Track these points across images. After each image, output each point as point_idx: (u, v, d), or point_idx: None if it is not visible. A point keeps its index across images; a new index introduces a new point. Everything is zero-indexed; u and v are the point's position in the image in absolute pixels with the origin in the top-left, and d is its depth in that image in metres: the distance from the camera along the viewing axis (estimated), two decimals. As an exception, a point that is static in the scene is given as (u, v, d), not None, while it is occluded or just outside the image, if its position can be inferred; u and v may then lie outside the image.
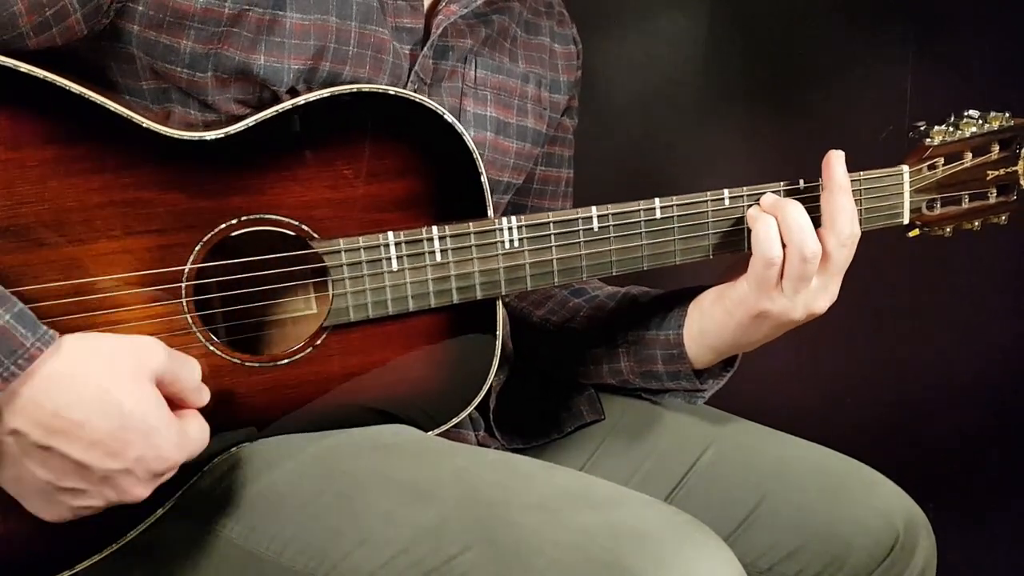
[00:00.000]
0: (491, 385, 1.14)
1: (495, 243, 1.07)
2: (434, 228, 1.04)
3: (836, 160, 1.12)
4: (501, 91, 1.21)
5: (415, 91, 1.11)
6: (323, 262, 1.02)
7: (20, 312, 0.83)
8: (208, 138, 0.97)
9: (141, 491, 0.88)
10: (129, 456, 0.85)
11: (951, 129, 1.23)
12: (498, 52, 1.22)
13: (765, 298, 1.11)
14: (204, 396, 0.93)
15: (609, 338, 1.27)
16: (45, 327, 0.84)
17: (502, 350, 1.14)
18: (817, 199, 1.14)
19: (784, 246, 1.09)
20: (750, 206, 1.14)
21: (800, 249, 1.08)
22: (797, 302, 1.10)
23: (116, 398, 0.84)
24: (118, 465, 0.85)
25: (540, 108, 1.27)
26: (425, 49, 1.12)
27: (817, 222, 1.11)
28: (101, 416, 0.84)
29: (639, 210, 1.11)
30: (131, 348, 0.88)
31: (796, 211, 1.09)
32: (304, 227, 1.01)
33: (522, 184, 1.32)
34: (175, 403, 0.91)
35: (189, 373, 0.92)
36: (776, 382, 2.37)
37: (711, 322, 1.16)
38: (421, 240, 1.04)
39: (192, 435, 0.91)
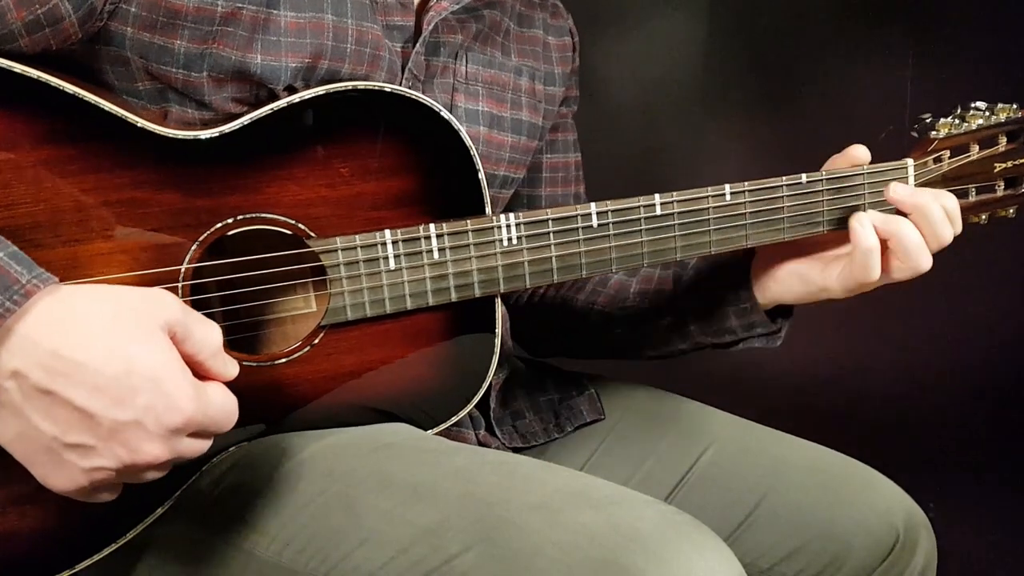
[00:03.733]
0: (491, 383, 1.14)
1: (493, 241, 1.06)
2: (431, 226, 1.04)
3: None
4: (493, 85, 1.21)
5: (409, 88, 1.11)
6: (320, 261, 1.02)
7: (15, 252, 0.81)
8: (203, 137, 0.97)
9: (154, 448, 0.81)
10: (137, 404, 0.79)
11: (957, 121, 1.22)
12: (490, 47, 1.22)
13: (852, 292, 1.16)
14: (229, 366, 0.88)
15: (673, 308, 1.30)
16: (43, 269, 0.81)
17: (501, 347, 1.14)
18: (819, 193, 1.14)
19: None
20: (752, 201, 1.13)
21: (915, 265, 1.13)
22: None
23: (121, 340, 0.80)
24: (126, 415, 0.79)
25: (534, 101, 1.27)
26: (417, 46, 1.12)
27: (815, 219, 1.11)
28: (105, 358, 0.79)
29: (639, 207, 1.11)
30: (140, 294, 0.84)
31: (911, 230, 1.13)
32: (301, 226, 1.00)
33: (532, 175, 1.32)
34: (195, 371, 0.85)
35: (205, 333, 0.85)
36: (776, 382, 2.37)
37: (783, 290, 1.21)
38: (419, 238, 1.04)
39: (212, 398, 0.85)
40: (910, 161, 1.20)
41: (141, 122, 0.94)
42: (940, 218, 1.13)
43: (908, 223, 1.13)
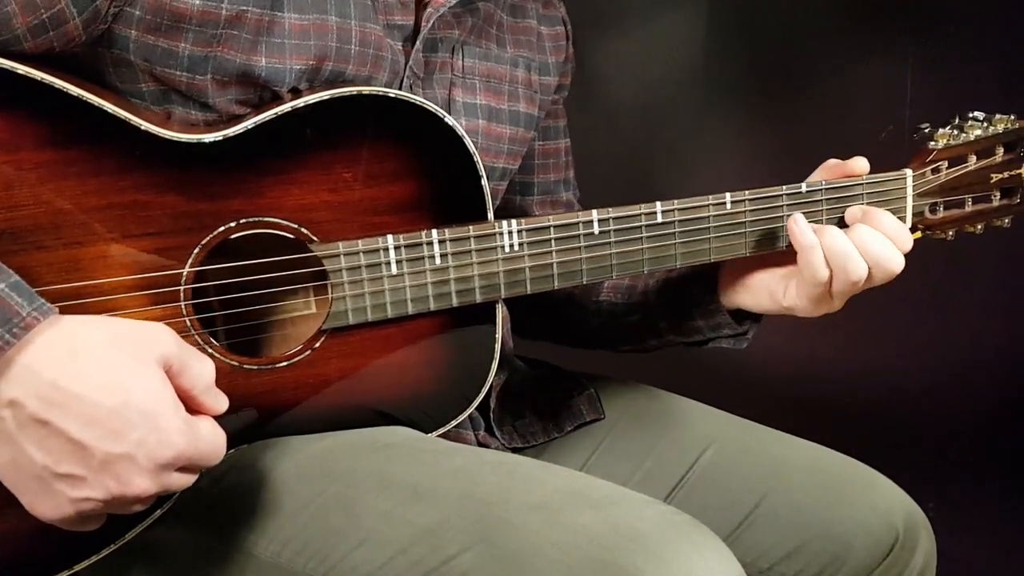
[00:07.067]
0: (491, 385, 1.14)
1: (495, 247, 1.07)
2: (434, 231, 1.04)
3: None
4: (490, 78, 1.21)
5: (410, 87, 1.12)
6: (322, 265, 1.02)
7: (16, 283, 0.81)
8: (206, 140, 0.97)
9: (143, 482, 0.82)
10: (130, 438, 0.80)
11: (955, 132, 1.22)
12: (485, 39, 1.22)
13: (816, 309, 1.15)
14: (220, 401, 0.89)
15: (643, 306, 1.31)
16: (43, 300, 0.81)
17: (502, 349, 1.15)
18: (818, 203, 1.15)
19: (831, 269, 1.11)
20: (752, 210, 1.14)
21: (845, 274, 1.10)
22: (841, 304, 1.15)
23: (118, 374, 0.81)
24: (119, 448, 0.80)
25: (531, 91, 1.27)
26: (417, 43, 1.13)
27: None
28: (102, 391, 0.80)
29: (640, 214, 1.11)
30: (137, 328, 0.85)
31: (837, 236, 1.11)
32: (303, 230, 1.01)
33: (524, 162, 1.32)
34: (187, 405, 0.86)
35: (200, 368, 0.86)
36: (776, 382, 2.37)
37: (754, 301, 1.21)
38: (420, 244, 1.04)
39: (203, 433, 0.85)
40: (909, 172, 1.20)
41: (145, 125, 0.94)
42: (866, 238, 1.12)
43: (835, 229, 1.12)
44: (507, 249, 1.07)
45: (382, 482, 0.98)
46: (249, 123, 0.98)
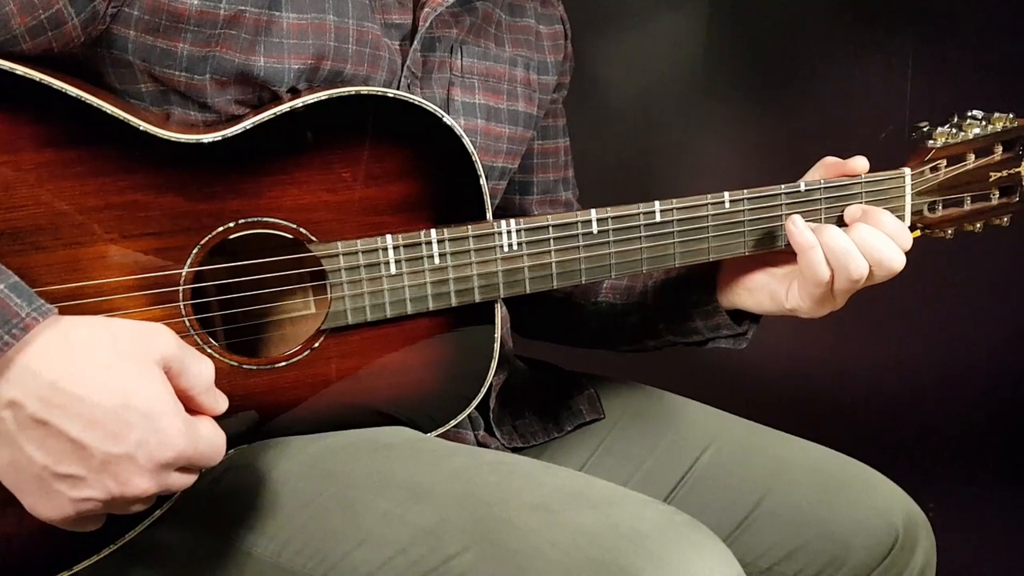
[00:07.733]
0: (491, 384, 1.14)
1: (494, 247, 1.07)
2: (432, 231, 1.04)
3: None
4: (489, 77, 1.21)
5: (408, 86, 1.12)
6: (321, 265, 1.02)
7: (15, 284, 0.81)
8: (205, 141, 0.97)
9: (143, 482, 0.82)
10: (130, 439, 0.80)
11: (954, 131, 1.22)
12: (483, 39, 1.22)
13: (819, 309, 1.15)
14: (219, 401, 0.89)
15: (641, 306, 1.31)
16: (43, 301, 0.81)
17: (501, 348, 1.15)
18: (817, 202, 1.15)
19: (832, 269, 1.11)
20: (751, 209, 1.14)
21: (847, 273, 1.10)
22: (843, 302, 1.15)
23: (119, 375, 0.81)
24: (119, 449, 0.80)
25: (529, 91, 1.27)
26: (415, 43, 1.13)
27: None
28: (102, 392, 0.80)
29: (638, 213, 1.11)
30: (137, 329, 0.85)
31: (837, 235, 1.11)
32: (302, 230, 1.01)
33: (524, 161, 1.32)
34: (187, 405, 0.86)
35: (200, 368, 0.87)
36: (776, 382, 2.37)
37: (754, 302, 1.21)
38: (419, 243, 1.04)
39: (203, 433, 0.86)
40: (907, 170, 1.20)
41: (143, 125, 0.94)
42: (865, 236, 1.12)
43: (834, 228, 1.12)
44: (506, 249, 1.07)
45: (381, 482, 0.98)
46: (248, 123, 0.98)
